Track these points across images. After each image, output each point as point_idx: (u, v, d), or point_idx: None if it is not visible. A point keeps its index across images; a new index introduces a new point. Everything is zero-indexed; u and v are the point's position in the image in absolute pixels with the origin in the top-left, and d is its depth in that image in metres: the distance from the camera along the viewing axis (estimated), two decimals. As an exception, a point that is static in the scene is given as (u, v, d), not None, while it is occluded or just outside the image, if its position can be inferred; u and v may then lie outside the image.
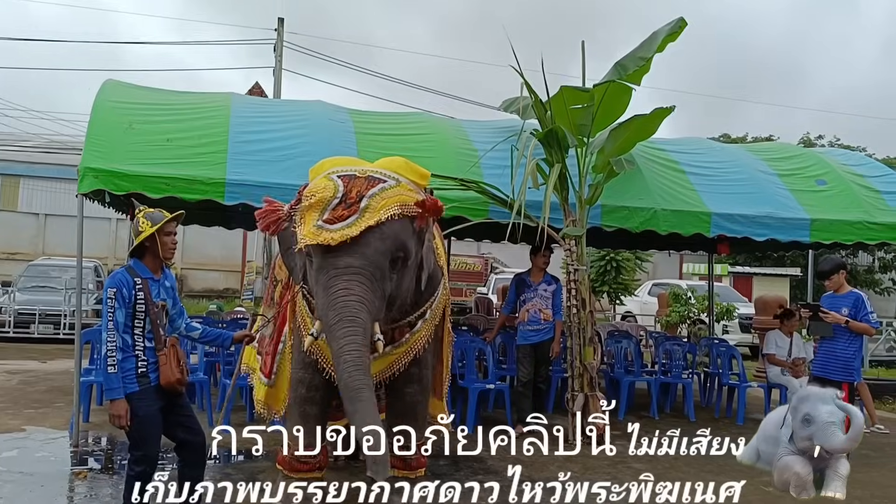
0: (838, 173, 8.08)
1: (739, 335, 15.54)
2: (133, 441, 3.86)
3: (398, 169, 4.16)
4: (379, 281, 3.85)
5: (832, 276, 6.29)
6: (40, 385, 8.65)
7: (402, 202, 3.96)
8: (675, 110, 6.89)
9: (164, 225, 3.96)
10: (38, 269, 15.30)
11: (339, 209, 3.79)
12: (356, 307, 3.69)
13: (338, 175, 3.99)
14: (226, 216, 10.00)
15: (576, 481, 4.08)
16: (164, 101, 7.04)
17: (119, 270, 3.93)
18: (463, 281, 20.28)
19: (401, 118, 8.33)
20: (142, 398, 3.82)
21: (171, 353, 3.95)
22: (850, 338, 6.11)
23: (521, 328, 7.35)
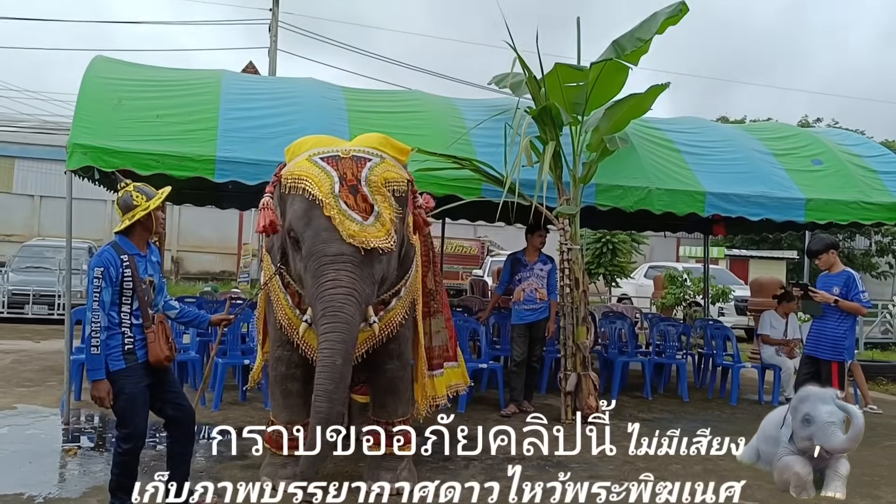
0: (834, 153, 8.04)
1: (735, 317, 15.56)
2: (120, 418, 3.83)
3: (378, 145, 4.14)
4: (369, 267, 3.84)
5: (822, 255, 6.25)
6: (33, 364, 8.63)
7: (389, 179, 3.97)
8: (669, 87, 6.86)
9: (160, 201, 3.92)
10: (32, 249, 15.26)
11: (350, 196, 3.80)
12: (342, 300, 3.70)
13: (321, 158, 3.97)
14: (218, 195, 9.96)
15: (576, 481, 4.08)
16: (153, 78, 6.96)
17: (105, 248, 3.84)
18: (459, 264, 20.29)
19: (393, 96, 8.27)
20: (128, 375, 3.77)
21: (159, 330, 3.90)
22: (841, 317, 6.08)
23: (516, 307, 7.33)
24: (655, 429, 7.38)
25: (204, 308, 8.19)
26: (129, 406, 3.79)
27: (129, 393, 3.78)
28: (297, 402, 4.53)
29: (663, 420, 7.04)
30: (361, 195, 3.82)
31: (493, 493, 4.13)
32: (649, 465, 6.05)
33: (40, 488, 4.33)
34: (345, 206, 3.78)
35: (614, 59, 6.49)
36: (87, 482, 4.51)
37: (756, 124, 10.47)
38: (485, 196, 6.73)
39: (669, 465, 6.01)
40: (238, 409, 6.71)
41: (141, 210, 3.84)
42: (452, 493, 3.92)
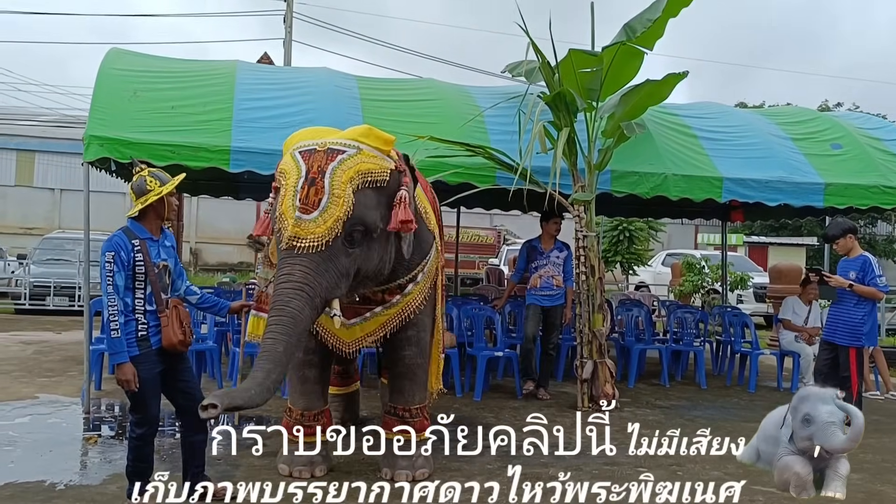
0: (854, 137, 7.92)
1: (754, 304, 15.43)
2: (133, 404, 3.87)
3: (360, 136, 4.10)
4: (331, 260, 3.83)
5: (839, 239, 6.16)
6: (54, 355, 8.74)
7: (363, 170, 3.94)
8: (688, 76, 6.77)
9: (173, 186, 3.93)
10: (52, 242, 15.41)
11: (305, 189, 3.81)
12: (290, 294, 3.70)
13: (299, 151, 4.00)
14: (234, 186, 10.01)
15: (576, 481, 4.06)
16: (168, 69, 7.00)
17: (116, 233, 3.87)
18: (475, 253, 20.25)
19: (407, 84, 8.25)
20: (142, 362, 3.80)
21: (173, 315, 3.91)
22: (858, 302, 5.98)
23: (531, 293, 7.35)
24: (666, 396, 7.43)
25: (222, 297, 8.25)
26: (142, 392, 3.82)
27: (141, 379, 3.80)
28: (315, 389, 4.55)
29: (681, 407, 7.02)
30: (316, 188, 3.80)
31: (492, 494, 4.14)
32: (649, 464, 6.07)
33: (61, 476, 4.39)
34: (297, 201, 3.79)
35: (626, 42, 6.43)
36: (107, 470, 4.57)
37: (774, 109, 10.35)
38: (499, 184, 6.70)
39: (670, 465, 6.01)
40: (256, 397, 6.74)
41: (154, 195, 3.85)
42: (452, 494, 3.91)
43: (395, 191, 4.10)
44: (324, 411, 4.62)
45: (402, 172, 4.16)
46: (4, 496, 4.01)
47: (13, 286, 14.34)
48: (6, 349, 9.04)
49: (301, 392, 4.57)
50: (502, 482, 4.57)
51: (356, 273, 3.98)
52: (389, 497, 4.02)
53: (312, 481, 4.41)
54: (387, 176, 4.05)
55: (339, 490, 3.80)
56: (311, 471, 4.47)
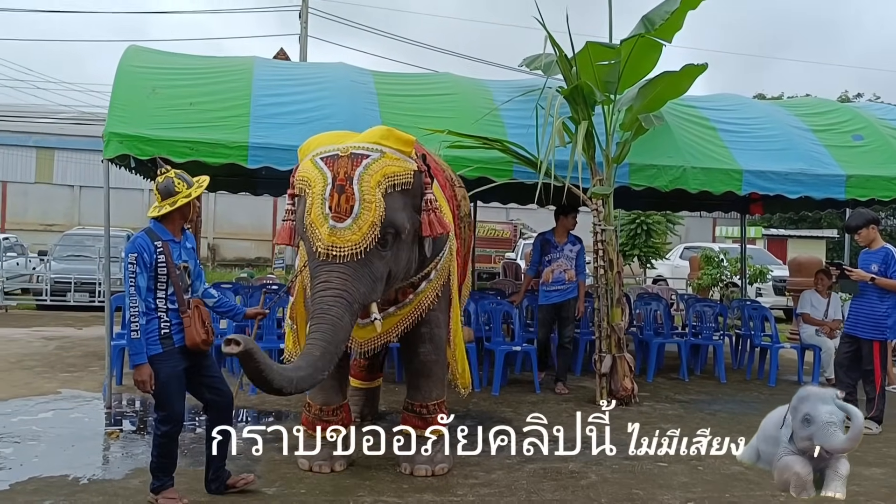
0: (876, 128, 7.82)
1: (773, 298, 15.31)
2: (157, 401, 3.90)
3: (381, 139, 4.13)
4: (367, 265, 3.87)
5: (861, 230, 6.10)
6: (76, 350, 8.82)
7: (389, 174, 3.97)
8: (707, 69, 6.70)
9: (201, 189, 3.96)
10: (72, 238, 15.56)
11: (335, 197, 3.84)
12: (330, 302, 3.75)
13: (321, 157, 4.02)
14: (252, 182, 10.05)
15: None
16: (186, 66, 7.03)
17: (138, 234, 3.91)
18: (492, 247, 20.22)
19: (423, 79, 8.24)
20: (165, 359, 3.83)
21: (195, 315, 3.94)
22: (881, 294, 5.92)
23: (544, 289, 7.34)
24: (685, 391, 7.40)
25: (240, 293, 8.31)
26: (166, 390, 3.86)
27: (165, 377, 3.84)
28: (332, 384, 4.56)
29: (700, 402, 6.98)
30: (346, 195, 3.84)
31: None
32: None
33: (84, 470, 4.44)
34: (327, 209, 3.83)
35: (644, 34, 6.38)
36: (129, 464, 4.61)
37: (794, 100, 10.24)
38: (516, 178, 6.69)
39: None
40: (275, 392, 6.78)
41: (182, 197, 3.89)
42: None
43: (419, 192, 4.17)
44: (343, 406, 4.63)
45: (422, 173, 4.20)
46: (29, 490, 4.06)
47: (34, 282, 14.50)
48: (28, 345, 9.15)
49: (319, 387, 4.56)
50: (522, 476, 4.61)
51: (388, 275, 4.02)
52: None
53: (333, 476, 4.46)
54: (411, 178, 4.10)
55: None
56: (330, 465, 4.49)
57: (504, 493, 4.21)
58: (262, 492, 4.10)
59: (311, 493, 4.11)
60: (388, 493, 4.16)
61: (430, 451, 4.53)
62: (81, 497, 3.96)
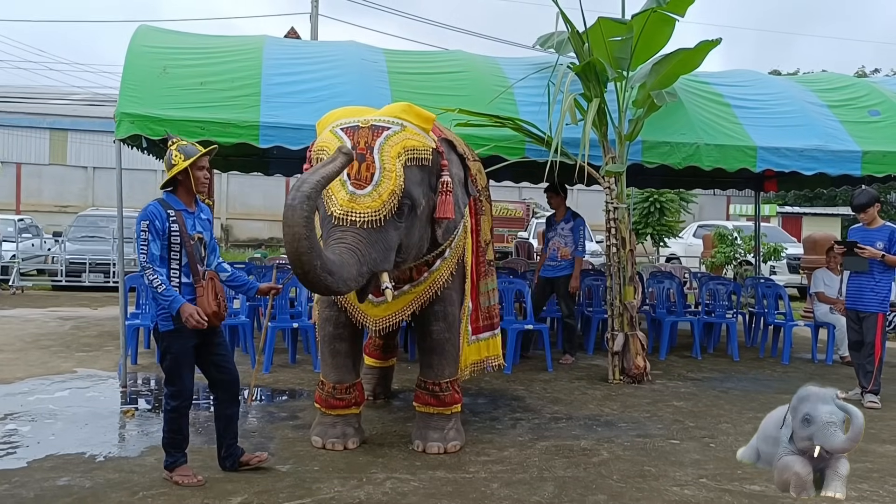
0: (893, 103, 7.69)
1: (787, 276, 15.21)
2: (168, 377, 3.92)
3: (401, 114, 4.14)
4: (382, 233, 3.86)
5: (868, 208, 6.13)
6: (91, 330, 8.91)
7: (409, 147, 3.99)
8: (721, 44, 6.62)
9: (196, 160, 3.92)
10: (87, 219, 15.65)
11: (355, 164, 3.83)
12: (341, 250, 3.72)
13: (341, 128, 4.03)
14: (264, 162, 10.06)
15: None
16: (197, 45, 7.01)
17: (151, 203, 3.89)
18: (504, 227, 20.17)
19: (435, 56, 8.18)
20: (176, 336, 3.84)
21: (209, 286, 3.92)
22: (884, 270, 6.06)
23: (543, 266, 7.67)
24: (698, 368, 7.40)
25: (253, 273, 8.34)
26: (177, 365, 3.88)
27: (176, 352, 3.86)
28: (346, 363, 4.58)
29: (713, 380, 6.96)
30: (367, 164, 3.85)
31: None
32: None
33: (101, 448, 4.49)
34: (345, 175, 3.81)
35: (656, 9, 6.29)
36: (145, 442, 4.66)
37: (810, 75, 10.07)
38: (528, 156, 6.66)
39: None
40: (288, 371, 6.83)
41: (176, 169, 3.88)
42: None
43: (437, 171, 4.19)
44: (356, 384, 4.65)
45: (441, 153, 4.21)
46: (46, 467, 4.11)
47: (50, 263, 14.62)
48: (45, 325, 9.24)
49: (333, 365, 4.60)
50: (549, 441, 4.62)
51: (399, 248, 4.01)
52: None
53: (349, 417, 4.54)
54: (430, 155, 4.12)
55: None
56: (343, 443, 4.52)
57: (516, 471, 4.23)
58: (275, 469, 4.14)
59: (325, 471, 4.14)
60: (401, 470, 4.18)
61: (443, 429, 4.56)
62: (98, 474, 4.01)
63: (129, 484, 3.86)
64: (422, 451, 4.50)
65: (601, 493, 3.92)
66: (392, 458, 4.39)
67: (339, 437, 4.54)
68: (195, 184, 3.93)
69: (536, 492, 3.90)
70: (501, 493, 3.86)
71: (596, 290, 8.55)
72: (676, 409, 5.75)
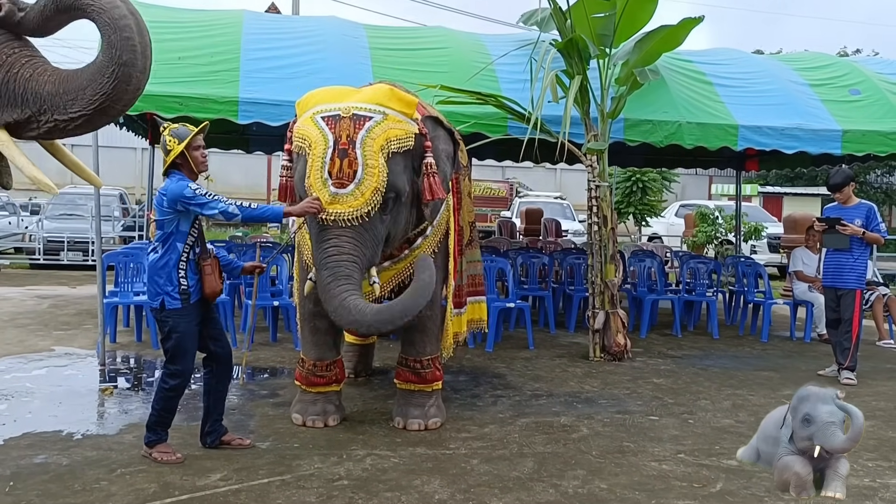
0: (873, 82, 7.73)
1: (768, 255, 15.32)
2: (171, 356, 3.88)
3: (383, 100, 4.12)
4: (370, 229, 3.91)
5: (844, 188, 6.21)
6: (69, 308, 8.82)
7: (391, 137, 3.98)
8: (704, 21, 6.60)
9: (190, 140, 3.88)
10: (65, 197, 15.42)
11: (337, 162, 3.85)
12: (349, 267, 3.82)
13: (322, 117, 4.01)
14: (244, 139, 9.96)
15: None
16: (174, 19, 6.89)
17: (179, 176, 3.84)
18: (488, 206, 20.16)
19: (417, 33, 8.11)
20: (184, 315, 3.83)
21: (214, 264, 3.95)
22: (864, 248, 6.15)
23: None
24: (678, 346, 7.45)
25: (233, 252, 8.27)
26: (182, 345, 3.86)
27: (182, 332, 3.84)
28: (326, 340, 4.57)
29: (693, 357, 7.01)
30: (349, 160, 3.86)
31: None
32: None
33: (78, 426, 4.45)
34: (326, 174, 3.85)
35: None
36: (123, 420, 4.62)
37: (791, 54, 10.09)
38: (511, 133, 6.62)
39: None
40: (269, 349, 6.81)
41: (174, 154, 3.85)
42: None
43: (419, 154, 4.18)
44: (336, 361, 4.64)
45: (424, 136, 4.20)
46: (23, 445, 4.07)
47: (27, 241, 14.44)
48: (22, 303, 9.14)
49: (313, 343, 4.58)
50: (530, 417, 4.64)
51: (386, 238, 4.06)
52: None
53: (330, 395, 4.55)
54: (412, 140, 4.12)
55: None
56: (324, 420, 4.51)
57: (496, 447, 4.25)
58: (255, 446, 4.12)
59: (305, 448, 4.13)
60: (382, 447, 4.19)
61: (424, 406, 4.57)
62: (75, 452, 3.98)
63: (107, 461, 3.84)
64: (402, 428, 4.50)
65: (580, 468, 3.94)
66: (373, 435, 4.39)
67: (319, 415, 4.53)
68: (194, 164, 3.90)
69: (516, 467, 3.92)
70: (481, 469, 3.87)
71: (577, 268, 8.57)
72: (656, 386, 5.79)
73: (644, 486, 3.72)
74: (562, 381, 5.88)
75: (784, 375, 6.26)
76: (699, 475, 3.89)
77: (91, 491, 3.45)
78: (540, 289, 8.41)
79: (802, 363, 6.85)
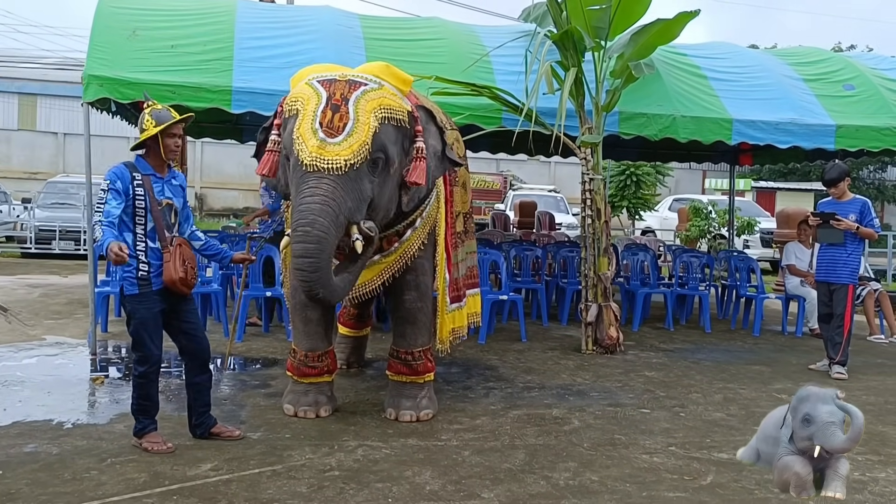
0: (867, 78, 7.74)
1: (760, 250, 15.39)
2: (134, 342, 3.86)
3: (379, 73, 4.13)
4: (356, 181, 3.83)
5: (839, 183, 6.23)
6: (60, 298, 8.78)
7: (385, 105, 3.96)
8: (699, 15, 6.60)
9: (167, 126, 3.82)
10: (57, 186, 15.39)
11: (329, 114, 3.80)
12: (318, 209, 3.70)
13: (317, 80, 3.99)
14: (237, 129, 9.91)
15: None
16: (167, 7, 6.83)
17: (118, 165, 3.81)
18: (482, 199, 20.14)
19: (412, 23, 8.07)
20: (141, 300, 3.78)
21: (176, 252, 3.85)
22: (856, 242, 6.17)
23: None
24: (670, 339, 7.47)
25: (225, 242, 8.24)
26: (142, 330, 3.81)
27: (139, 318, 3.80)
28: (318, 330, 4.55)
29: (685, 350, 7.03)
30: (340, 115, 3.81)
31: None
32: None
33: (69, 415, 4.43)
34: (317, 124, 3.78)
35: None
36: (114, 409, 4.61)
37: (786, 49, 10.09)
38: (505, 125, 6.61)
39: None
40: (261, 339, 6.79)
41: (145, 134, 3.80)
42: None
43: (411, 134, 4.15)
44: (328, 352, 4.62)
45: (416, 119, 4.17)
46: (13, 434, 4.05)
47: (19, 230, 14.38)
48: (13, 292, 9.10)
49: (305, 333, 4.57)
50: (521, 409, 4.64)
51: (370, 204, 3.97)
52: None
53: (322, 385, 4.55)
54: (405, 116, 4.09)
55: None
56: (315, 411, 4.50)
57: (488, 438, 4.25)
58: (247, 437, 4.11)
59: (296, 438, 4.12)
60: (373, 438, 4.18)
61: (415, 398, 4.56)
62: (66, 441, 3.96)
63: (98, 451, 3.82)
64: (394, 420, 4.50)
65: (571, 460, 3.95)
66: (364, 426, 4.39)
67: (311, 405, 4.52)
68: (164, 151, 3.84)
69: (507, 459, 3.92)
70: (473, 461, 3.87)
71: (571, 261, 8.57)
72: (648, 380, 5.81)
73: (635, 478, 3.73)
74: (554, 374, 5.89)
75: (775, 369, 6.28)
76: (690, 468, 3.91)
77: (81, 480, 3.44)
78: (533, 281, 8.41)
79: (794, 357, 6.88)
